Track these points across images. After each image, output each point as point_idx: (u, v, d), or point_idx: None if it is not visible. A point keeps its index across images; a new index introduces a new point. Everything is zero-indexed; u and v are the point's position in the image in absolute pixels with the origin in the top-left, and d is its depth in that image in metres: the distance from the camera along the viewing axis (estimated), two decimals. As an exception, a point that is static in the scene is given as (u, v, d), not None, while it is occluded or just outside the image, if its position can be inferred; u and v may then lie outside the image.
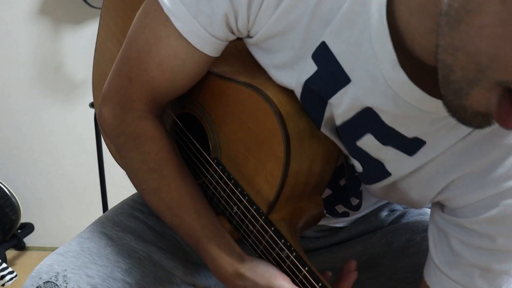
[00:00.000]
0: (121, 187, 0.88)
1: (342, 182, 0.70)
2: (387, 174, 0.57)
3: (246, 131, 0.61)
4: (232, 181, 0.63)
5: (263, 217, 0.60)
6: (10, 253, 1.78)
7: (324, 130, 0.59)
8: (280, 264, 0.60)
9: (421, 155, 0.54)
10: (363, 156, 0.57)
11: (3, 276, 1.60)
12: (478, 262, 0.54)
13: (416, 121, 0.51)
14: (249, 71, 0.64)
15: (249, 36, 0.60)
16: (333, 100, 0.54)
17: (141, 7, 0.62)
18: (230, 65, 0.66)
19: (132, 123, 0.64)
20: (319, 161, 0.61)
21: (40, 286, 0.60)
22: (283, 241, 0.59)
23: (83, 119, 1.80)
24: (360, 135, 0.55)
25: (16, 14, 1.79)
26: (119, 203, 0.79)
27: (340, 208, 0.74)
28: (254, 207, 0.60)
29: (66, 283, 0.60)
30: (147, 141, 0.64)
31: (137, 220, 0.74)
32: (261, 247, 0.61)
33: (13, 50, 1.84)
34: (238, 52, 0.66)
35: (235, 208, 0.63)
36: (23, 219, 1.81)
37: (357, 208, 0.72)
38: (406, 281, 0.73)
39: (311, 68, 0.54)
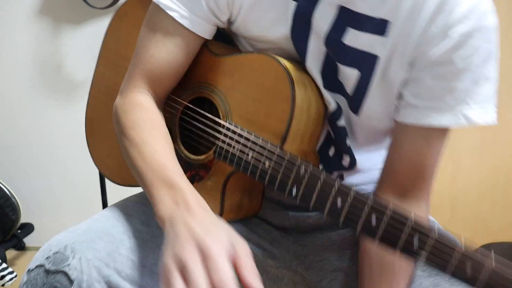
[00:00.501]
0: (121, 187, 0.89)
1: (331, 152, 0.81)
2: (375, 57, 0.71)
3: (255, 86, 0.74)
4: (246, 130, 0.73)
5: (278, 148, 0.70)
6: (10, 253, 1.78)
7: (310, 64, 0.74)
8: (299, 183, 0.67)
9: (391, 33, 0.69)
10: (354, 54, 0.71)
11: (3, 276, 1.60)
12: (446, 86, 0.69)
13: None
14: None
15: (232, 22, 0.76)
16: (317, 14, 0.71)
17: None
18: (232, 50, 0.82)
19: (132, 96, 0.76)
20: (313, 107, 0.75)
21: (50, 257, 0.65)
22: (298, 160, 0.67)
23: (83, 119, 1.80)
24: (344, 31, 0.71)
25: (16, 14, 1.79)
26: (124, 199, 0.83)
27: (334, 175, 0.83)
28: (269, 143, 0.70)
29: (74, 253, 0.64)
30: (143, 109, 0.75)
31: (144, 206, 0.77)
32: (279, 178, 0.68)
33: (13, 50, 1.84)
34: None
35: (250, 154, 0.71)
36: (23, 219, 1.81)
37: (352, 166, 0.81)
38: None
39: (292, 5, 0.71)
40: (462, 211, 1.93)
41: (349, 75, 0.73)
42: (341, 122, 0.77)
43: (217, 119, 0.77)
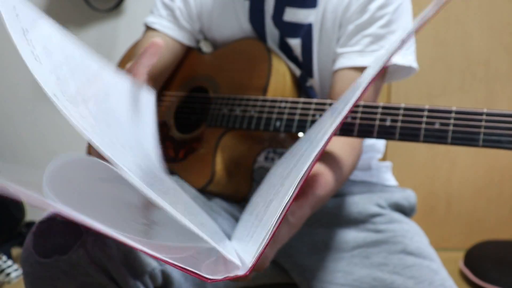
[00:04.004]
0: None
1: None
2: (310, 25, 0.87)
3: (237, 60, 0.90)
4: (232, 95, 0.86)
5: (261, 96, 0.84)
6: (16, 251, 1.79)
7: (270, 43, 0.92)
8: (281, 114, 0.79)
9: (320, 4, 0.86)
10: (294, 27, 0.88)
11: (9, 273, 1.62)
12: (364, 32, 0.83)
13: None
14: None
15: (204, 31, 0.99)
16: (266, 5, 0.89)
17: None
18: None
19: None
20: (288, 75, 0.91)
21: None
22: (278, 98, 0.81)
23: (86, 119, 1.82)
24: (283, 11, 0.88)
25: (20, 16, 1.80)
26: None
27: None
28: (253, 96, 0.84)
29: None
30: None
31: None
32: (264, 118, 0.81)
33: (15, 53, 1.85)
34: None
35: (237, 109, 0.84)
36: (28, 217, 1.83)
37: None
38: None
39: (246, 2, 0.91)
40: (457, 209, 1.94)
41: (294, 45, 0.90)
42: (308, 83, 0.93)
43: (205, 95, 0.91)
